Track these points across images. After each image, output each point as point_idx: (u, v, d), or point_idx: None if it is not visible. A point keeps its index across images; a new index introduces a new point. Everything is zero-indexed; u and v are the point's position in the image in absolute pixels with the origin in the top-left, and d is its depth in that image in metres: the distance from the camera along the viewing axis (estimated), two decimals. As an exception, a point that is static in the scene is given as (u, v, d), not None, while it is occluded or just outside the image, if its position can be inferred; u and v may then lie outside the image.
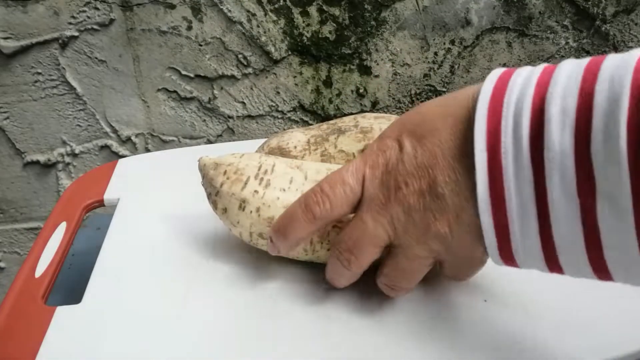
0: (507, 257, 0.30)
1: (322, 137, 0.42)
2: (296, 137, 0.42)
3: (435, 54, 0.75)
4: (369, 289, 0.39)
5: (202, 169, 0.41)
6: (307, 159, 0.43)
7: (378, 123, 0.42)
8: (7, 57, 0.72)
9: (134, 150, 0.81)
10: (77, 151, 0.80)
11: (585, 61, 0.26)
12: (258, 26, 0.72)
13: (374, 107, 0.78)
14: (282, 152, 0.42)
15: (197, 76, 0.75)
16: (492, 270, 0.40)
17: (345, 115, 0.78)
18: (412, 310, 0.37)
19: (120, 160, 0.57)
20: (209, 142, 0.81)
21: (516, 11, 0.72)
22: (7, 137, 0.78)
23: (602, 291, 0.38)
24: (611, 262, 0.26)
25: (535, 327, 0.35)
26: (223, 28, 0.72)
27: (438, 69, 0.76)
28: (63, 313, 0.37)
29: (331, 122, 0.45)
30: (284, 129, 0.79)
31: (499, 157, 0.27)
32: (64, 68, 0.74)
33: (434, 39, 0.74)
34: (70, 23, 0.71)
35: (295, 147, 0.42)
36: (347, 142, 0.42)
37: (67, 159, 0.81)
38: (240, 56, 0.74)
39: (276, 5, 0.71)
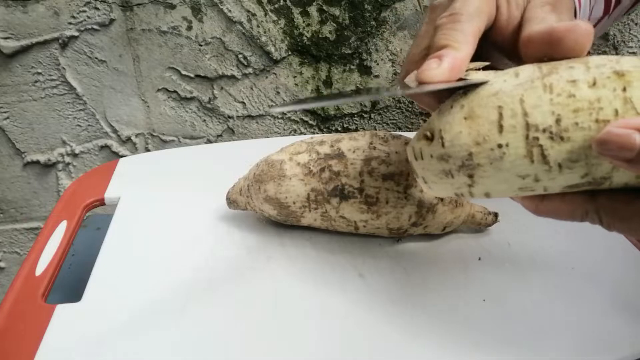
0: None
1: (324, 196, 0.41)
2: (295, 190, 0.41)
3: (435, 54, 0.75)
4: (368, 289, 0.39)
5: None
6: (307, 216, 0.42)
7: (385, 188, 0.40)
8: (7, 57, 0.72)
9: (134, 150, 0.81)
10: (77, 151, 0.80)
11: None
12: (258, 26, 0.72)
13: (374, 107, 0.78)
14: (280, 205, 0.42)
15: (197, 76, 0.75)
16: (492, 270, 0.40)
17: (345, 115, 0.78)
18: (412, 310, 0.37)
19: (121, 160, 0.57)
20: (209, 142, 0.81)
21: (516, 11, 0.72)
22: (7, 137, 0.78)
23: (602, 293, 0.38)
24: None
25: (534, 326, 0.35)
26: (223, 28, 0.72)
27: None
28: (63, 311, 0.37)
29: (335, 138, 0.43)
30: (284, 129, 0.80)
31: None
32: (64, 68, 0.74)
33: (433, 39, 0.74)
34: (70, 23, 0.71)
35: (294, 202, 0.42)
36: (349, 210, 0.41)
37: (67, 159, 0.81)
38: (240, 56, 0.74)
39: (276, 5, 0.71)
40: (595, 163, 0.25)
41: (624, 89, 0.24)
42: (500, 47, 0.33)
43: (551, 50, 0.27)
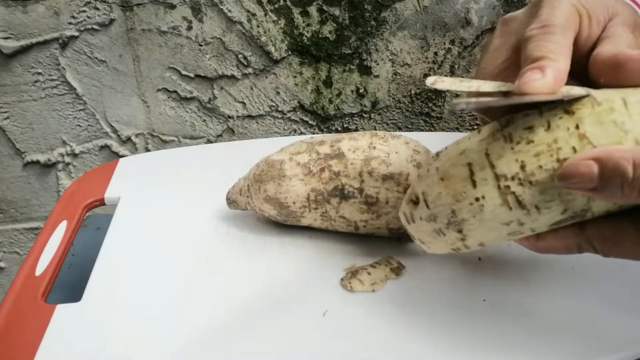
0: None
1: (324, 196, 0.41)
2: (295, 190, 0.41)
3: (435, 54, 0.75)
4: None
5: None
6: (307, 216, 0.42)
7: (385, 188, 0.39)
8: (7, 57, 0.72)
9: (134, 150, 0.81)
10: (77, 151, 0.80)
11: None
12: (258, 26, 0.72)
13: (374, 107, 0.78)
14: (280, 205, 0.42)
15: (197, 76, 0.75)
16: (492, 270, 0.40)
17: (345, 115, 0.78)
18: (412, 310, 0.37)
19: (121, 160, 0.57)
20: (209, 142, 0.81)
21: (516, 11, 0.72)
22: (7, 137, 0.78)
23: (602, 293, 0.38)
24: None
25: (534, 327, 0.35)
26: (223, 28, 0.72)
27: (438, 69, 0.76)
28: (63, 311, 0.37)
29: (335, 138, 0.43)
30: (284, 129, 0.80)
31: None
32: (64, 68, 0.74)
33: (434, 39, 0.74)
34: (70, 23, 0.71)
35: (294, 202, 0.42)
36: (349, 210, 0.41)
37: (67, 159, 0.81)
38: (240, 56, 0.74)
39: (276, 5, 0.71)
40: (570, 199, 0.26)
41: (577, 127, 0.25)
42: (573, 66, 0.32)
43: (615, 75, 0.27)
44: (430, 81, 0.31)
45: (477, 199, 0.27)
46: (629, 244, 0.26)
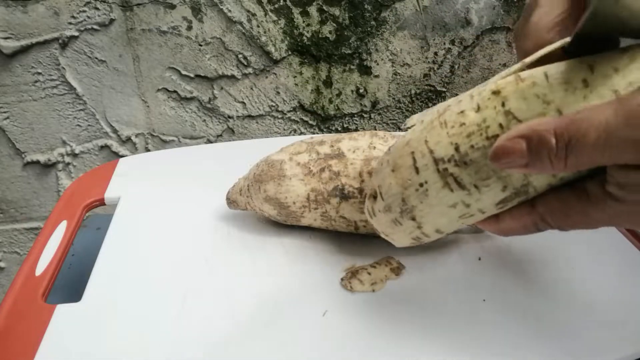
0: None
1: (324, 196, 0.41)
2: (295, 190, 0.41)
3: (435, 54, 0.75)
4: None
5: None
6: (307, 216, 0.42)
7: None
8: (7, 57, 0.72)
9: (134, 150, 0.81)
10: (77, 151, 0.80)
11: None
12: (258, 26, 0.72)
13: (374, 107, 0.78)
14: (280, 205, 0.42)
15: (197, 76, 0.75)
16: (492, 270, 0.40)
17: (345, 115, 0.78)
18: (412, 310, 0.37)
19: (121, 160, 0.57)
20: (209, 142, 0.81)
21: (516, 11, 0.72)
22: (7, 137, 0.78)
23: (601, 292, 0.38)
24: None
25: (534, 327, 0.35)
26: (223, 28, 0.72)
27: (438, 69, 0.76)
28: (63, 311, 0.37)
29: (335, 138, 0.43)
30: (284, 129, 0.80)
31: None
32: (64, 68, 0.74)
33: (434, 39, 0.74)
34: (70, 23, 0.71)
35: (294, 202, 0.42)
36: (349, 210, 0.41)
37: (67, 159, 0.81)
38: (240, 56, 0.74)
39: (276, 5, 0.71)
40: (506, 175, 0.27)
41: (503, 104, 0.26)
42: None
43: None
44: (408, 123, 0.32)
45: (421, 184, 0.29)
46: (576, 215, 0.27)
